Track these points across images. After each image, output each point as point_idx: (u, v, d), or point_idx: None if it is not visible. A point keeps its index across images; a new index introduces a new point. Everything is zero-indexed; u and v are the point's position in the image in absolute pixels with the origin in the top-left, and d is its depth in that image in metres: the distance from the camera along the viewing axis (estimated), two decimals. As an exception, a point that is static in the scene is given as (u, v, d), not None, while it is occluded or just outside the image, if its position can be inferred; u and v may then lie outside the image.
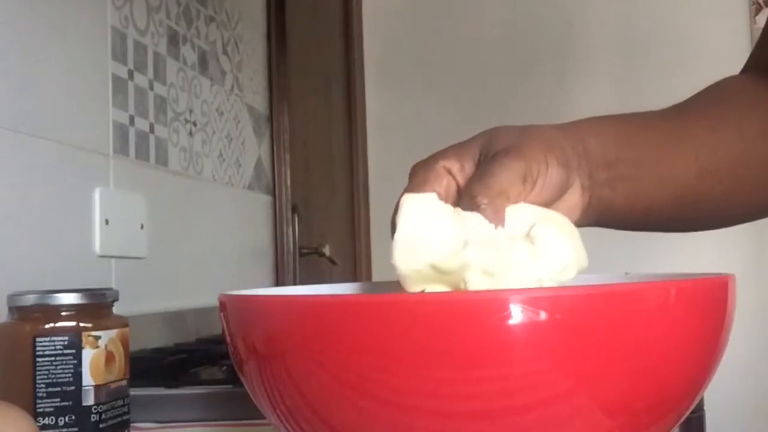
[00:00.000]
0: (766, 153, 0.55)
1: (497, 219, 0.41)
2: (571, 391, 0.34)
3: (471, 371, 0.33)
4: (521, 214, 0.43)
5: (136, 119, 1.08)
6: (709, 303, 0.37)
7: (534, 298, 0.33)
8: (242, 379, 0.41)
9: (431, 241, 0.40)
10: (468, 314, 0.33)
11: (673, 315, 0.35)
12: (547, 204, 0.45)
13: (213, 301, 0.44)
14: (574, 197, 0.49)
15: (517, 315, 0.32)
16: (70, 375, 0.56)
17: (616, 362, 0.34)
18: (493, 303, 0.33)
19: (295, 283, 1.62)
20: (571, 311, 0.33)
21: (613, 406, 0.35)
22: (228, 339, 0.41)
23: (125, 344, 0.60)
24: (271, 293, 0.49)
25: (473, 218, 0.41)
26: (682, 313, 0.36)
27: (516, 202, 0.43)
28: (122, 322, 0.61)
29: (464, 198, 0.43)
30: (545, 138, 0.46)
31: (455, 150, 0.46)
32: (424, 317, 0.33)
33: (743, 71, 0.64)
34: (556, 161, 0.45)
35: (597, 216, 0.51)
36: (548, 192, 0.45)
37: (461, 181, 0.45)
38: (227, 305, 0.40)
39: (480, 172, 0.44)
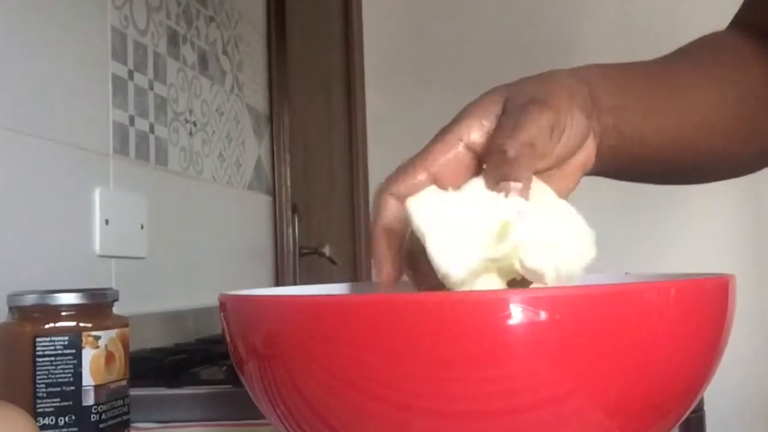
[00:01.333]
0: (756, 110, 0.58)
1: (524, 171, 0.41)
2: (570, 391, 0.34)
3: (471, 371, 0.33)
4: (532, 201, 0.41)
5: (136, 119, 1.08)
6: (709, 303, 0.37)
7: (534, 298, 0.33)
8: (242, 379, 0.41)
9: (471, 235, 0.37)
10: (468, 314, 0.33)
11: (673, 315, 0.35)
12: (572, 152, 0.46)
13: (213, 301, 0.44)
14: (590, 143, 0.49)
15: (517, 315, 0.32)
16: (70, 375, 0.56)
17: (616, 362, 0.34)
18: (493, 303, 0.33)
19: (295, 283, 1.62)
20: (571, 311, 0.33)
21: (612, 407, 0.35)
22: (228, 339, 0.41)
23: (125, 344, 0.60)
24: (271, 293, 0.49)
25: (484, 192, 0.40)
26: (682, 313, 0.36)
27: (543, 154, 0.43)
28: (122, 322, 0.61)
29: (492, 152, 0.42)
30: (567, 85, 0.47)
31: (474, 110, 0.45)
32: (424, 317, 0.33)
33: (730, 26, 0.66)
34: (579, 110, 0.46)
35: (604, 162, 0.51)
36: (573, 141, 0.46)
37: (481, 139, 0.44)
38: (227, 305, 0.40)
39: (508, 124, 0.43)
